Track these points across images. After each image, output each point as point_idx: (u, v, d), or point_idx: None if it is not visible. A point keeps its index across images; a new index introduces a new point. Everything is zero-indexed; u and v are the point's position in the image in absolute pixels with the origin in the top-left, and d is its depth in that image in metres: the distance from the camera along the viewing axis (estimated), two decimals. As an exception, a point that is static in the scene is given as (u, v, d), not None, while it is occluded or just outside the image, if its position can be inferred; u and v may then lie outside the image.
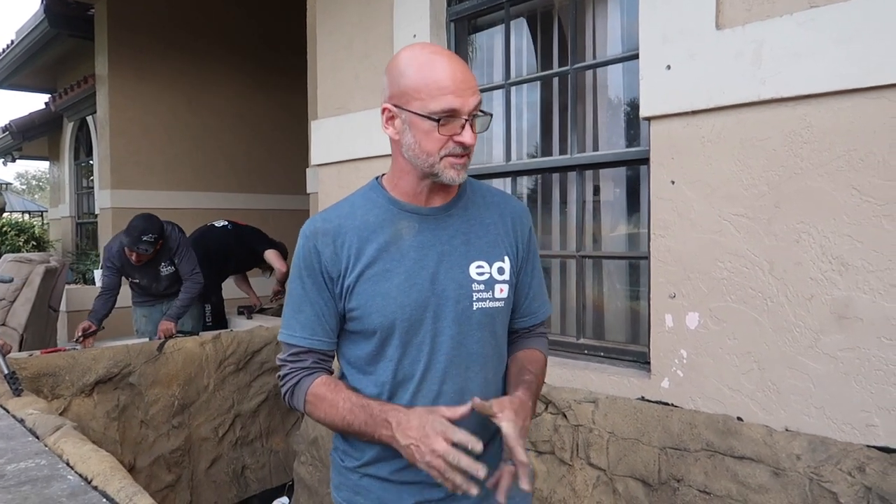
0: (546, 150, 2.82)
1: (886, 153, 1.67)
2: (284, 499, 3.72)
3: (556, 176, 2.75)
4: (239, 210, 6.91)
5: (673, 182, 2.07)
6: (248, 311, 4.96)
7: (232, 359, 3.93)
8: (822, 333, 1.78)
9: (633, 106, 2.43)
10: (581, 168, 2.53)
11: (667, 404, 2.08)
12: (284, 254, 4.88)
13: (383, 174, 1.38)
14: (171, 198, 7.06)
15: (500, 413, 1.19)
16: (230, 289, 5.17)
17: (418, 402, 1.31)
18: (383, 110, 1.27)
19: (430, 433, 1.13)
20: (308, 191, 5.89)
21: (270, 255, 4.80)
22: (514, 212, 1.43)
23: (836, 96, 1.74)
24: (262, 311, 5.18)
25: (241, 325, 4.49)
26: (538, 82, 2.81)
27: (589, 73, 2.61)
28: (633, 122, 2.47)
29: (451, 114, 1.20)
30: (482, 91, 2.91)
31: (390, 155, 1.34)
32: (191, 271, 4.06)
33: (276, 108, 7.67)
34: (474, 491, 1.12)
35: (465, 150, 1.24)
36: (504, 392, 1.42)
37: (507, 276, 1.36)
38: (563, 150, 2.69)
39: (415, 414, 1.18)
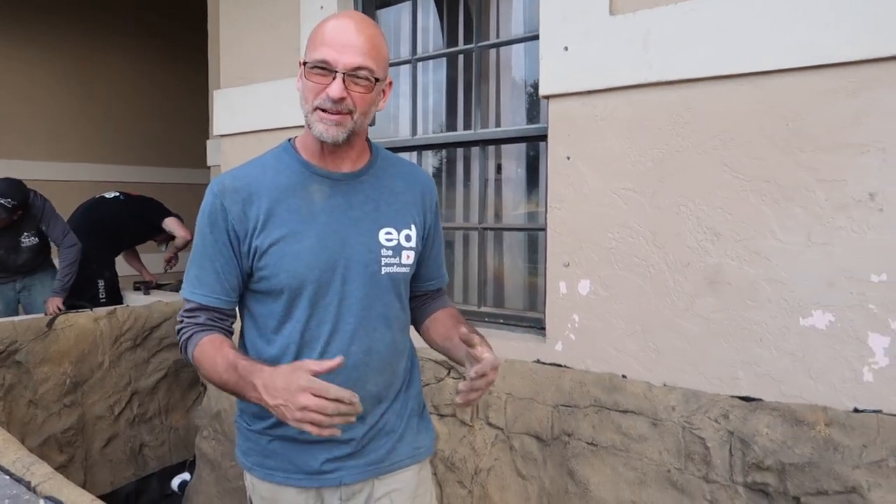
0: (451, 125, 2.90)
1: (753, 134, 1.85)
2: (186, 475, 3.66)
3: (460, 150, 2.83)
4: (134, 184, 6.54)
5: (568, 158, 2.20)
6: (145, 286, 4.78)
7: (129, 335, 3.80)
8: (696, 297, 1.96)
9: (534, 84, 2.54)
10: (484, 143, 2.63)
11: (560, 366, 2.23)
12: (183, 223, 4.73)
13: (296, 136, 1.40)
14: (55, 169, 6.63)
15: (479, 345, 1.24)
16: (123, 266, 4.95)
17: None
18: (300, 64, 1.32)
19: (295, 391, 1.10)
20: (209, 163, 5.71)
21: (172, 223, 4.62)
22: (423, 182, 1.48)
23: (713, 81, 1.91)
24: (159, 286, 5.00)
25: (138, 301, 4.33)
26: (444, 59, 2.88)
27: (493, 51, 2.71)
28: (534, 100, 2.58)
29: (324, 65, 1.23)
30: (389, 66, 2.96)
31: (296, 127, 1.37)
32: (62, 234, 3.84)
33: (174, 78, 7.34)
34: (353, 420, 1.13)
35: (335, 106, 1.23)
36: (412, 348, 1.55)
37: (413, 244, 1.42)
38: (467, 126, 2.78)
39: (279, 373, 1.15)
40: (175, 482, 3.67)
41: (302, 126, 1.32)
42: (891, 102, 1.64)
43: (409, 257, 1.41)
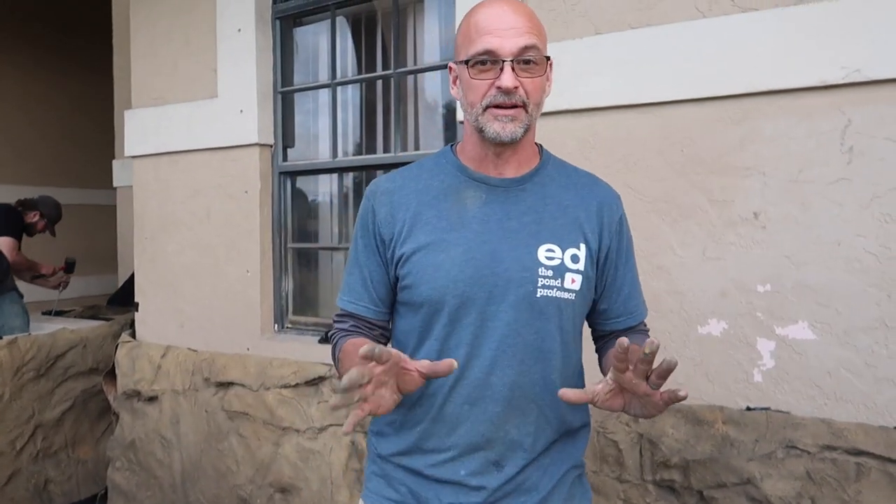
0: (370, 148, 2.96)
1: (653, 158, 2.02)
2: (97, 509, 3.50)
3: (379, 173, 2.90)
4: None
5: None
6: (52, 311, 4.52)
7: (31, 364, 3.61)
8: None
9: (450, 108, 2.65)
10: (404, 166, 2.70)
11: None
12: (18, 233, 4.32)
13: (458, 142, 1.30)
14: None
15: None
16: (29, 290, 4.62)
17: (460, 391, 1.18)
18: (449, 69, 1.23)
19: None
20: (115, 184, 5.49)
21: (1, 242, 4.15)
22: (601, 195, 1.28)
23: (616, 110, 2.07)
24: (59, 313, 4.72)
25: (43, 328, 4.11)
26: (363, 83, 2.94)
27: (411, 77, 2.80)
28: (451, 125, 2.69)
29: (488, 55, 1.11)
30: (308, 90, 3.00)
31: (212, 149, 1.32)
32: None
33: (74, 95, 7.02)
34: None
35: (509, 98, 1.11)
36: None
37: (581, 266, 1.20)
38: (386, 149, 2.85)
39: None
40: (85, 517, 3.50)
41: (219, 148, 1.31)
42: (769, 131, 1.84)
43: (574, 281, 1.19)
